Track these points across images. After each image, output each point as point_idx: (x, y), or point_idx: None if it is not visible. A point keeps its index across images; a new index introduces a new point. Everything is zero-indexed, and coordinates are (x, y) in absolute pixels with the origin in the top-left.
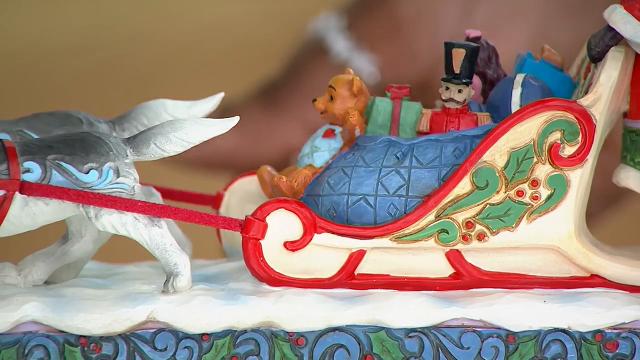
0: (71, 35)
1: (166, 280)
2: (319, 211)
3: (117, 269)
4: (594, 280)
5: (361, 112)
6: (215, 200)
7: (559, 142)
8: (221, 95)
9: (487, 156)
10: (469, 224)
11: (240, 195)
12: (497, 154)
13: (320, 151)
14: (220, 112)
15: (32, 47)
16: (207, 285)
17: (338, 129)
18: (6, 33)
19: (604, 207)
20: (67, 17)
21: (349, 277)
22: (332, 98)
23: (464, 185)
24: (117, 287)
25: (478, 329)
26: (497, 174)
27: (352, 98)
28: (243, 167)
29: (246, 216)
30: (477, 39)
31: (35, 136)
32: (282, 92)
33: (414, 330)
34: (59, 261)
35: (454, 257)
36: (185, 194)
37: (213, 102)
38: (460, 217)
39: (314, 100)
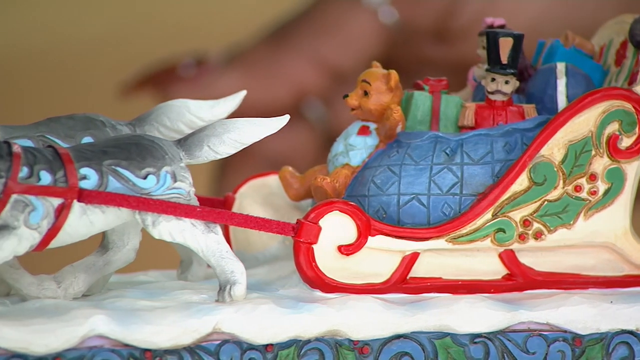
0: (96, 31)
1: (221, 289)
2: (366, 212)
3: (132, 279)
4: None
5: None
6: (225, 204)
7: (617, 133)
8: (244, 93)
9: (544, 150)
10: (526, 222)
11: (253, 198)
12: (555, 148)
13: (357, 149)
14: (228, 55)
15: (52, 44)
16: (261, 293)
17: (373, 126)
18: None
19: None
20: (96, 10)
21: (402, 282)
22: (365, 93)
23: (522, 182)
24: (166, 299)
25: (544, 333)
26: (555, 169)
27: (388, 93)
28: (255, 110)
29: (298, 219)
30: (502, 27)
31: (59, 141)
32: (291, 29)
33: (479, 335)
34: (100, 272)
35: (508, 258)
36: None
37: (236, 100)
38: (518, 215)
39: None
